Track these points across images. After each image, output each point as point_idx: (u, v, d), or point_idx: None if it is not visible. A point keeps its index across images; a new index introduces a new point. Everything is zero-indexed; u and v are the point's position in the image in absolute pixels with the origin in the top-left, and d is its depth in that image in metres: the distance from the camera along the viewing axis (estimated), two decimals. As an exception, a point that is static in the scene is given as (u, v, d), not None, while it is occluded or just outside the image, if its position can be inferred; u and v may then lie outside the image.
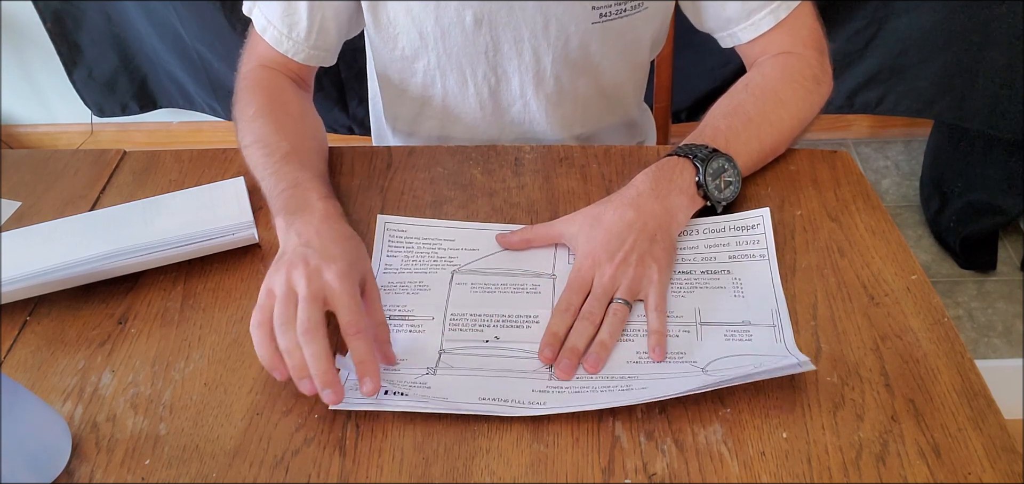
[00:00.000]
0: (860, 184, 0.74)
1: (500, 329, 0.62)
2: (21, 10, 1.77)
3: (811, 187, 0.73)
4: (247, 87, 0.78)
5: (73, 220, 0.72)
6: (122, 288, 0.67)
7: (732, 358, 0.59)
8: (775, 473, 0.51)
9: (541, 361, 0.60)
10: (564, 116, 0.88)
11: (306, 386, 0.55)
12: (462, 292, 0.65)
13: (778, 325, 0.61)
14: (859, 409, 0.55)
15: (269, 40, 0.79)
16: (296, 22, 0.78)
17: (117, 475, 0.53)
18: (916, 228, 1.75)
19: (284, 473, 0.53)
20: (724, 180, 0.69)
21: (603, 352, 0.60)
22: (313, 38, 0.79)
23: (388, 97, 0.93)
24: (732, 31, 0.80)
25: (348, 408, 0.56)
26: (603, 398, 0.56)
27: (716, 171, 0.68)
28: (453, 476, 0.52)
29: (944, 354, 0.58)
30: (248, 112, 0.75)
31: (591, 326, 0.61)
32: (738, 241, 0.68)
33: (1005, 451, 0.52)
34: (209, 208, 0.71)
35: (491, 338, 0.62)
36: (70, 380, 0.60)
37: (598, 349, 0.60)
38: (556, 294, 0.65)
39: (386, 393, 0.57)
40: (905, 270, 0.65)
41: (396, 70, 0.86)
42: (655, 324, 0.61)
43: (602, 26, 0.80)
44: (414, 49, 0.83)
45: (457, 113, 0.87)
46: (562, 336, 0.61)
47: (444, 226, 0.71)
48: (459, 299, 0.65)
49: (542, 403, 0.56)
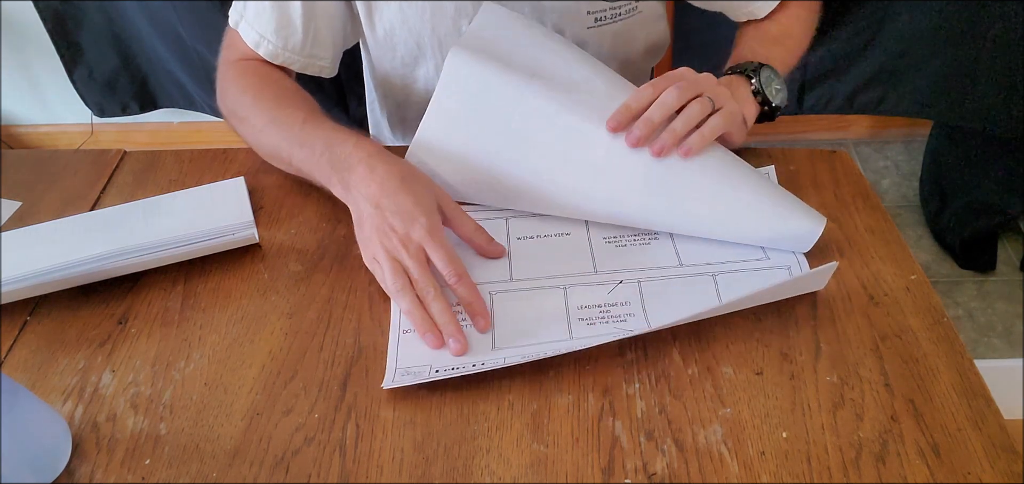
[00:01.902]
0: (860, 184, 0.74)
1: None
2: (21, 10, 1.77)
3: (811, 187, 0.73)
4: (233, 78, 0.77)
5: (73, 220, 0.72)
6: (122, 288, 0.67)
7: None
8: (775, 473, 0.52)
9: (607, 128, 0.65)
10: None
11: (431, 339, 0.59)
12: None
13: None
14: (859, 409, 0.55)
15: (264, 54, 0.77)
16: (291, 34, 0.77)
17: (117, 475, 0.53)
18: (916, 228, 1.75)
19: (284, 473, 0.53)
20: (775, 87, 0.74)
21: (672, 139, 0.64)
22: (308, 47, 0.78)
23: (391, 104, 0.92)
24: (751, 8, 0.84)
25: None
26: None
27: (767, 79, 0.74)
28: (453, 476, 0.52)
29: (944, 354, 0.58)
30: (246, 100, 0.74)
31: (679, 100, 0.65)
32: None
33: (1005, 451, 0.52)
34: (209, 208, 0.71)
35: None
36: (70, 380, 0.60)
37: (669, 135, 0.64)
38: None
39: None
40: (905, 270, 0.65)
41: (397, 78, 0.86)
42: (714, 121, 0.65)
43: (597, 30, 0.81)
44: (413, 57, 0.83)
45: None
46: (636, 111, 0.64)
47: None
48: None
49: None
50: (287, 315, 0.64)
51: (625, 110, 0.65)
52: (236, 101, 0.75)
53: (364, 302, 0.64)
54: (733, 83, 0.73)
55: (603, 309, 0.62)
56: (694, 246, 0.67)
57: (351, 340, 0.61)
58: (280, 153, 0.71)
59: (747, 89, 0.73)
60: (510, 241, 0.68)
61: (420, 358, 0.59)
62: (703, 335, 0.60)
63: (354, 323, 0.63)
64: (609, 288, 0.63)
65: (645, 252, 0.67)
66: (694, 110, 0.65)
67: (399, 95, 0.88)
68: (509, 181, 0.69)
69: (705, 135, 0.65)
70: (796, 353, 0.59)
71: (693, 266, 0.66)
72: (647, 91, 0.66)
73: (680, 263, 0.66)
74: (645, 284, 0.64)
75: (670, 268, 0.66)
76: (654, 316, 0.61)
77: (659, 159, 0.64)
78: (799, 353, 0.59)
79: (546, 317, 0.62)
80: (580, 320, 0.61)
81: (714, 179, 0.65)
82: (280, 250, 0.70)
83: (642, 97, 0.65)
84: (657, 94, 0.65)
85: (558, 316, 0.62)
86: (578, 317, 0.62)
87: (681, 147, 0.64)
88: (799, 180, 0.74)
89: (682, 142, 0.64)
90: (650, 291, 0.63)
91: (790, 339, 0.60)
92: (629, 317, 0.62)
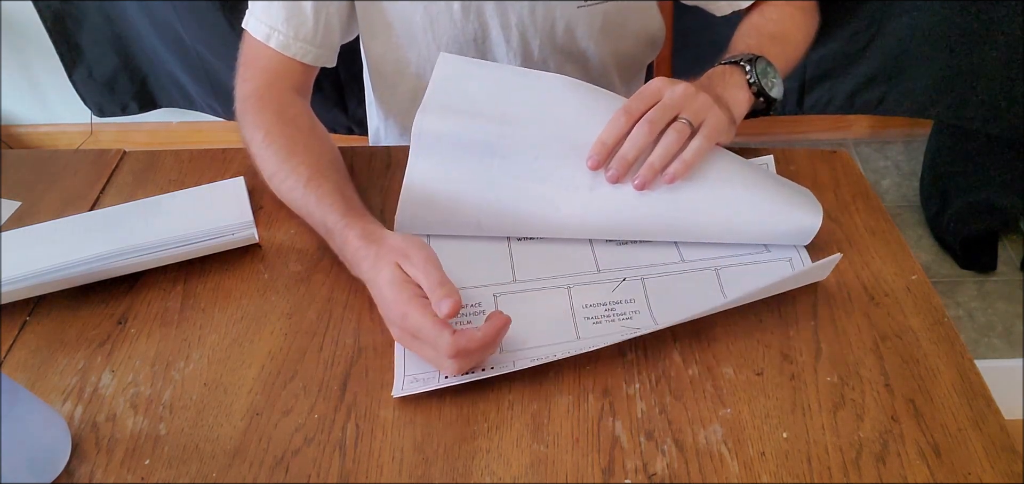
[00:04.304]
0: (860, 184, 0.74)
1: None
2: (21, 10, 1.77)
3: (811, 187, 0.73)
4: (252, 108, 0.75)
5: (73, 220, 0.72)
6: (122, 288, 0.66)
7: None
8: (775, 473, 0.51)
9: (587, 166, 0.63)
10: None
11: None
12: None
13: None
14: (859, 409, 0.55)
15: (275, 45, 0.76)
16: (302, 22, 0.77)
17: (117, 475, 0.53)
18: (916, 228, 1.75)
19: (284, 473, 0.53)
20: (771, 79, 0.73)
21: (650, 174, 0.62)
22: (319, 37, 0.78)
23: (382, 92, 0.93)
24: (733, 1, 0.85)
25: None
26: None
27: (763, 70, 0.72)
28: (453, 476, 0.52)
29: (944, 354, 0.58)
30: (257, 137, 0.72)
31: (650, 133, 0.63)
32: None
33: (1005, 451, 0.52)
34: (209, 208, 0.71)
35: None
36: (70, 380, 0.60)
37: (647, 171, 0.63)
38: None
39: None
40: (905, 270, 0.65)
41: (389, 63, 0.87)
42: (695, 144, 0.63)
43: (587, 10, 0.82)
44: (405, 40, 0.83)
45: None
46: (611, 145, 0.63)
47: None
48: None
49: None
50: (287, 315, 0.64)
51: (600, 146, 0.64)
52: (250, 135, 0.74)
53: (364, 302, 0.64)
54: (726, 73, 0.72)
55: (608, 307, 0.62)
56: (694, 242, 0.67)
57: (351, 340, 0.61)
58: (292, 206, 0.70)
59: (741, 77, 0.72)
60: (510, 241, 0.68)
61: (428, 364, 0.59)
62: (703, 335, 0.60)
63: (354, 323, 0.63)
64: (612, 286, 0.63)
65: (646, 249, 0.67)
66: (670, 139, 0.63)
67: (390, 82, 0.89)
68: (503, 223, 0.67)
69: (687, 161, 0.63)
70: (796, 353, 0.59)
71: (695, 261, 0.66)
72: (620, 120, 0.64)
73: (681, 259, 0.66)
74: (649, 281, 0.64)
75: (672, 264, 0.66)
76: (660, 313, 0.62)
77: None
78: (799, 353, 0.59)
79: (552, 318, 0.62)
80: (586, 319, 0.61)
81: (707, 190, 0.65)
82: (280, 250, 0.70)
83: (617, 129, 0.64)
84: (631, 122, 0.64)
85: (564, 316, 0.62)
86: (584, 316, 0.62)
87: (664, 175, 0.63)
88: (799, 180, 0.74)
89: (664, 170, 0.63)
90: (654, 288, 0.63)
91: (790, 339, 0.60)
92: (635, 315, 0.62)
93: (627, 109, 0.65)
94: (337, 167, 0.72)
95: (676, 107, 0.65)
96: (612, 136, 0.64)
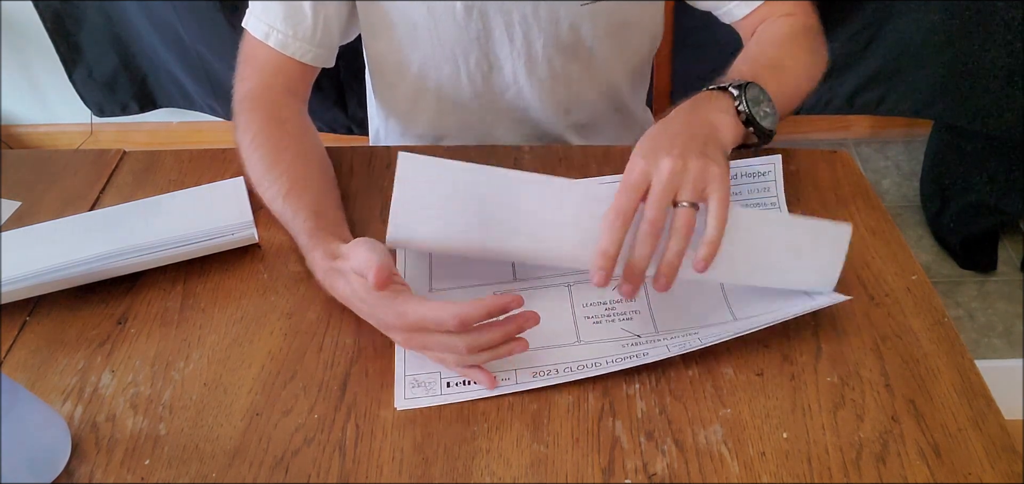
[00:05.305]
0: (860, 184, 0.74)
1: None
2: (21, 10, 1.77)
3: (811, 187, 0.73)
4: (245, 109, 0.74)
5: (73, 220, 0.72)
6: (122, 288, 0.66)
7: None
8: (775, 473, 0.51)
9: (594, 284, 0.56)
10: (558, 101, 0.88)
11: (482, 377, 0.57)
12: None
13: None
14: (859, 409, 0.55)
15: (274, 44, 0.76)
16: (301, 21, 0.77)
17: (117, 475, 0.53)
18: (916, 228, 1.75)
19: (284, 473, 0.53)
20: (763, 109, 0.66)
21: (671, 273, 0.56)
22: (318, 36, 0.78)
23: (383, 92, 0.93)
24: (728, 7, 0.82)
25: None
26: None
27: (754, 99, 0.66)
28: (453, 476, 0.52)
29: (944, 354, 0.58)
30: (246, 139, 0.72)
31: (654, 237, 0.56)
32: (749, 189, 0.68)
33: (1005, 451, 0.52)
34: (209, 208, 0.71)
35: None
36: (70, 380, 0.60)
37: (667, 271, 0.56)
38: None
39: None
40: (905, 270, 0.65)
41: (391, 63, 0.86)
42: (713, 231, 0.56)
43: (591, 8, 0.81)
44: (407, 40, 0.83)
45: (452, 102, 0.88)
46: (613, 254, 0.56)
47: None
48: None
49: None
50: (287, 315, 0.64)
51: (604, 258, 0.57)
52: (240, 136, 0.73)
53: (364, 302, 0.64)
54: (712, 98, 0.66)
55: (608, 307, 0.62)
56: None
57: (351, 340, 0.61)
58: (269, 209, 0.70)
59: (728, 103, 0.65)
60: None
61: (429, 365, 0.59)
62: (703, 335, 0.60)
63: (354, 323, 0.62)
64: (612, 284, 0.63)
65: None
66: (680, 239, 0.56)
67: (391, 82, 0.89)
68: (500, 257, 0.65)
69: (713, 242, 0.57)
70: (796, 353, 0.59)
71: None
72: (617, 226, 0.57)
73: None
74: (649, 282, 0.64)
75: None
76: (660, 314, 0.61)
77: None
78: (799, 353, 0.59)
79: (553, 317, 0.61)
80: (586, 318, 0.61)
81: (726, 267, 0.60)
82: (280, 250, 0.70)
83: (616, 236, 0.57)
84: (627, 222, 0.57)
85: (564, 315, 0.62)
86: (584, 316, 0.62)
87: (695, 264, 0.57)
88: (799, 180, 0.74)
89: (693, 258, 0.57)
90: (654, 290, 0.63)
91: (790, 339, 0.60)
92: (635, 315, 0.62)
93: (619, 210, 0.57)
94: (322, 175, 0.71)
95: (671, 191, 0.57)
96: (614, 245, 0.56)
